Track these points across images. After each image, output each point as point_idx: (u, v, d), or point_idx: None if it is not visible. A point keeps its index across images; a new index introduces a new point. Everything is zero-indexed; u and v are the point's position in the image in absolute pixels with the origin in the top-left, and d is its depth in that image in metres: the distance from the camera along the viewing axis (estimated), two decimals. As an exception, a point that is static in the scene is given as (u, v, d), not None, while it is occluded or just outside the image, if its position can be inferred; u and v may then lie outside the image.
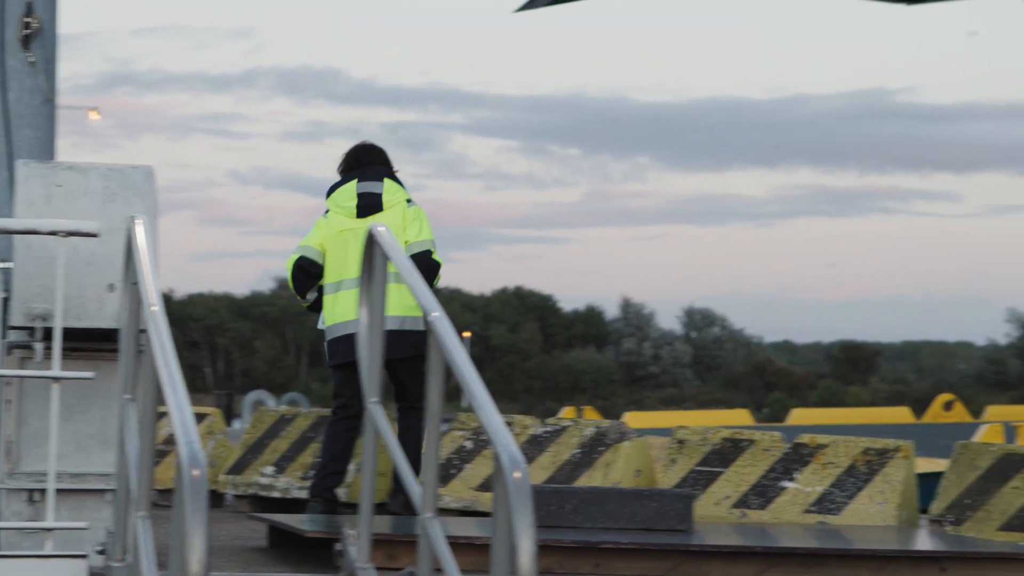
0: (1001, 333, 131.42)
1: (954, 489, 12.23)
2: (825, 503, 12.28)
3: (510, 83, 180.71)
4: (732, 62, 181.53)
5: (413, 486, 6.76)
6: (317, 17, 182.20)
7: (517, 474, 5.12)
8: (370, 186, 11.93)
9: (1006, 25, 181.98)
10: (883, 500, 12.14)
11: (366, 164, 12.12)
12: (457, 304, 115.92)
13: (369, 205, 11.85)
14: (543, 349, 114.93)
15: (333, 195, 12.07)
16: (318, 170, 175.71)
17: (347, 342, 11.41)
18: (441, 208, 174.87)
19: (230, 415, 34.40)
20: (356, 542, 7.55)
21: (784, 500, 12.40)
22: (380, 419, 7.29)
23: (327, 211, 12.09)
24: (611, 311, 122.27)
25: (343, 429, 12.01)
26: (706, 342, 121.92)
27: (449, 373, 6.19)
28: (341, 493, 12.61)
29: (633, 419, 27.87)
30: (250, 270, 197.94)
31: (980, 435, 19.88)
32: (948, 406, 29.99)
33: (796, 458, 12.53)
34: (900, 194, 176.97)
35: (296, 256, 11.99)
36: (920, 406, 33.12)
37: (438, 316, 6.24)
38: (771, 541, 10.71)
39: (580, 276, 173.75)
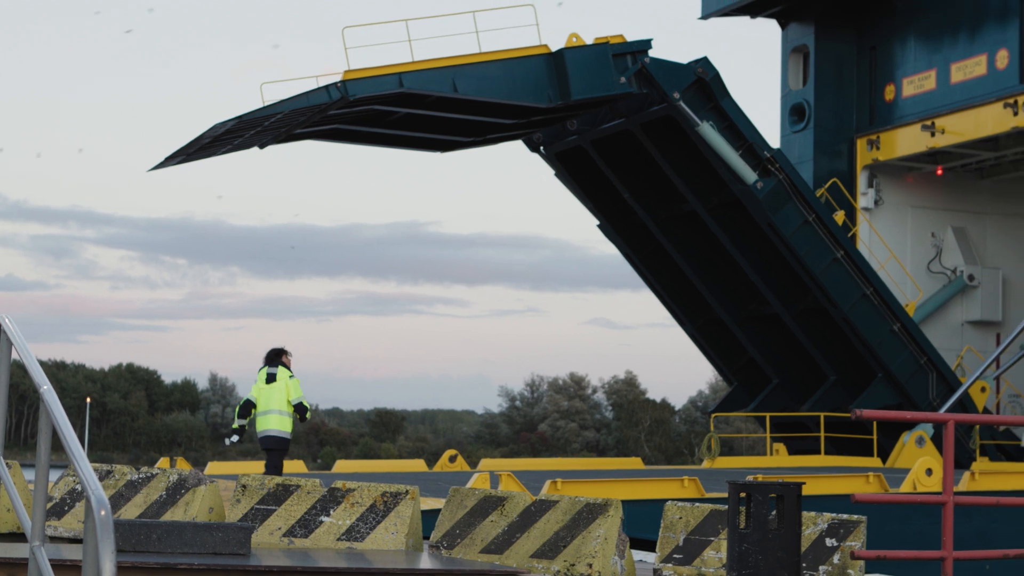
0: (495, 404, 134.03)
1: (448, 522, 12.44)
2: (353, 533, 12.33)
3: (133, 207, 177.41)
4: (306, 197, 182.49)
5: (25, 519, 6.57)
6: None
7: (102, 512, 5.06)
8: (272, 371, 18.99)
9: (507, 173, 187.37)
10: (396, 531, 12.26)
11: (272, 359, 19.07)
12: (81, 376, 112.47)
13: (271, 380, 18.85)
14: (148, 412, 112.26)
15: (259, 372, 19.10)
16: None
17: (268, 439, 18.77)
18: (74, 302, 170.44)
19: None
20: (-21, 565, 7.30)
21: (322, 531, 12.40)
22: (2, 470, 7.07)
23: (256, 380, 19.07)
24: (202, 383, 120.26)
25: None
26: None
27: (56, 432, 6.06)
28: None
29: (217, 468, 27.40)
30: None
31: (472, 482, 20.18)
32: (453, 459, 30.34)
33: (332, 499, 12.55)
34: (426, 300, 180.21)
35: (244, 400, 19.14)
36: (434, 459, 33.41)
37: (47, 389, 6.10)
38: (312, 562, 10.71)
39: (180, 356, 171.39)
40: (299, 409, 18.78)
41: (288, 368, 19.04)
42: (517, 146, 33.86)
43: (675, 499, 15.40)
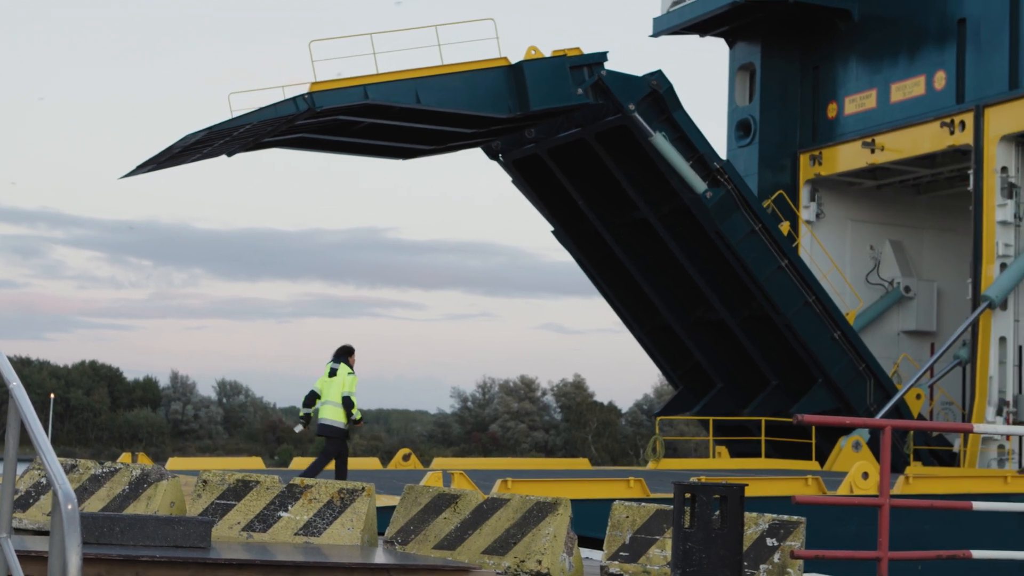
0: (448, 405, 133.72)
1: (402, 518, 12.43)
2: (310, 528, 12.30)
3: (101, 209, 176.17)
4: (269, 202, 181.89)
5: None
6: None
7: (69, 506, 5.04)
8: (335, 366, 20.25)
9: (465, 181, 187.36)
10: (352, 526, 12.24)
11: (338, 355, 20.34)
12: (46, 372, 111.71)
13: (332, 374, 20.14)
14: (111, 408, 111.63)
15: (326, 366, 20.34)
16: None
17: (323, 428, 20.11)
18: (41, 300, 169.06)
19: None
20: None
21: (280, 526, 12.37)
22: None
23: (323, 373, 20.31)
24: (164, 381, 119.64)
25: (322, 464, 20.19)
26: (234, 406, 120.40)
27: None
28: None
29: (177, 463, 27.24)
30: None
31: (425, 480, 20.16)
32: (406, 458, 30.26)
33: (290, 495, 12.52)
34: (384, 303, 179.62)
35: (309, 392, 20.46)
36: (388, 457, 33.34)
37: (16, 385, 6.06)
38: (269, 556, 10.68)
39: (142, 354, 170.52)
40: (345, 403, 20.00)
41: (350, 366, 20.33)
42: (476, 154, 33.90)
43: (622, 499, 15.45)
